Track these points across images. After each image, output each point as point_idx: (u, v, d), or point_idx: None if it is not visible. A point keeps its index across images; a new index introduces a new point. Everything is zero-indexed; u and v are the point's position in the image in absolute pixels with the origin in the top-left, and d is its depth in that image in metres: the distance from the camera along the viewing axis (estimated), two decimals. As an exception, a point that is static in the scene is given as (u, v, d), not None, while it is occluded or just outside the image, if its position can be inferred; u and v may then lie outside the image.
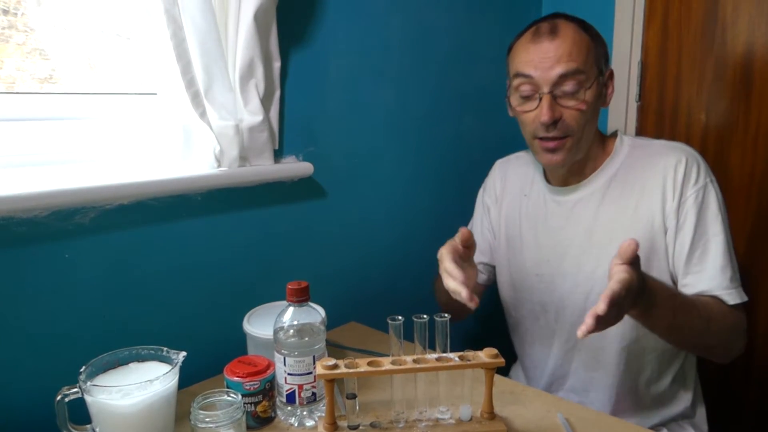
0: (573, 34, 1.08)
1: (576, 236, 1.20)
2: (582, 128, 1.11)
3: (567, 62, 1.07)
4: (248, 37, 1.11)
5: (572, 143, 1.12)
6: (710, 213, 1.09)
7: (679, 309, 0.99)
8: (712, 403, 1.34)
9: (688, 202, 1.10)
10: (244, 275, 1.24)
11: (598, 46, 1.12)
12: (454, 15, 1.65)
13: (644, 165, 1.15)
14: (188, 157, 1.13)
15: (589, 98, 1.09)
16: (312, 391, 0.94)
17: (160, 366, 0.89)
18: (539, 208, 1.28)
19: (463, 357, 0.89)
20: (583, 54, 1.08)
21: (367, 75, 1.45)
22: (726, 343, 1.10)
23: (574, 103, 1.09)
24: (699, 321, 1.02)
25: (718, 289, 1.07)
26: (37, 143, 1.02)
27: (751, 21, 1.57)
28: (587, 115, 1.10)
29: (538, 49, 1.09)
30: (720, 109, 1.66)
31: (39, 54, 1.07)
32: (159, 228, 1.10)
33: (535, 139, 1.14)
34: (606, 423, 0.95)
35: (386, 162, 1.53)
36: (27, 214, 0.92)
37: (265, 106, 1.18)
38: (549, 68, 1.07)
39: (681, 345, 1.13)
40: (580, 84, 1.08)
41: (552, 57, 1.07)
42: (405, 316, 0.91)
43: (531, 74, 1.09)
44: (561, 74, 1.07)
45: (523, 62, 1.11)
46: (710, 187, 1.10)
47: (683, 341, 1.09)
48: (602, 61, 1.13)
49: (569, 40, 1.08)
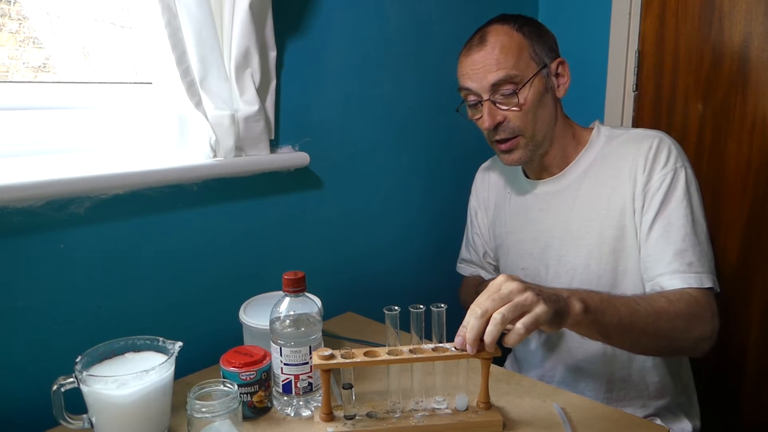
0: (502, 40, 1.12)
1: (555, 227, 1.22)
2: (531, 125, 1.14)
3: (497, 70, 1.11)
4: (244, 27, 1.10)
5: (525, 140, 1.16)
6: (675, 197, 1.09)
7: (622, 307, 0.95)
8: (706, 393, 1.35)
9: (654, 184, 1.11)
10: (241, 265, 1.24)
11: (535, 43, 1.14)
12: (451, 5, 1.65)
13: (619, 153, 1.17)
14: (184, 147, 1.12)
15: (523, 99, 1.12)
16: (308, 382, 0.94)
17: (156, 356, 0.89)
18: (521, 203, 1.31)
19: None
20: (512, 58, 1.11)
21: (363, 65, 1.44)
22: (686, 333, 1.02)
23: (512, 106, 1.13)
24: (647, 315, 0.97)
25: (673, 272, 1.05)
26: (32, 133, 1.01)
27: (748, 10, 1.57)
28: (531, 112, 1.13)
29: (469, 61, 1.14)
30: (717, 99, 1.66)
31: (33, 42, 1.06)
32: (154, 218, 1.10)
33: (492, 143, 1.19)
34: (601, 412, 0.95)
35: (382, 152, 1.53)
36: (22, 203, 0.92)
37: (260, 95, 1.17)
38: (482, 78, 1.12)
39: (642, 348, 1.06)
40: (515, 86, 1.11)
41: (482, 68, 1.12)
42: (401, 306, 0.91)
43: (469, 86, 1.15)
44: (492, 83, 1.11)
45: (461, 75, 1.17)
46: (680, 172, 1.10)
47: (643, 343, 1.02)
48: (544, 55, 1.15)
49: (498, 47, 1.12)
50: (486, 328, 0.79)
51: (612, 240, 1.15)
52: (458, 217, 1.53)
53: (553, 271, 1.22)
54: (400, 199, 1.60)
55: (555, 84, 1.18)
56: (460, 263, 1.50)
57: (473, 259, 1.46)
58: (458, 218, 1.53)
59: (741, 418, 1.72)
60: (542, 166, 1.24)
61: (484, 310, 0.79)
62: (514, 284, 0.81)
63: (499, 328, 0.78)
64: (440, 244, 1.70)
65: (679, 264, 1.06)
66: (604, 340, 0.98)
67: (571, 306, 0.86)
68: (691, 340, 1.03)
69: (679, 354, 1.11)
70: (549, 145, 1.20)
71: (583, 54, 1.33)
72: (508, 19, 1.16)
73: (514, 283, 0.81)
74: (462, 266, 1.49)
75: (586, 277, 1.17)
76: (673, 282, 1.05)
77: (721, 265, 1.65)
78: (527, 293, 0.80)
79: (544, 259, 1.24)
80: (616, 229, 1.14)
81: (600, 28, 1.82)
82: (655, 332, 0.99)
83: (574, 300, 0.87)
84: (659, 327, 0.98)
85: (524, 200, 1.30)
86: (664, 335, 1.00)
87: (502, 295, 0.80)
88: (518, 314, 0.79)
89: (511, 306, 0.78)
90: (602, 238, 1.15)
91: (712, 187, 1.67)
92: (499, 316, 0.78)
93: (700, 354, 1.06)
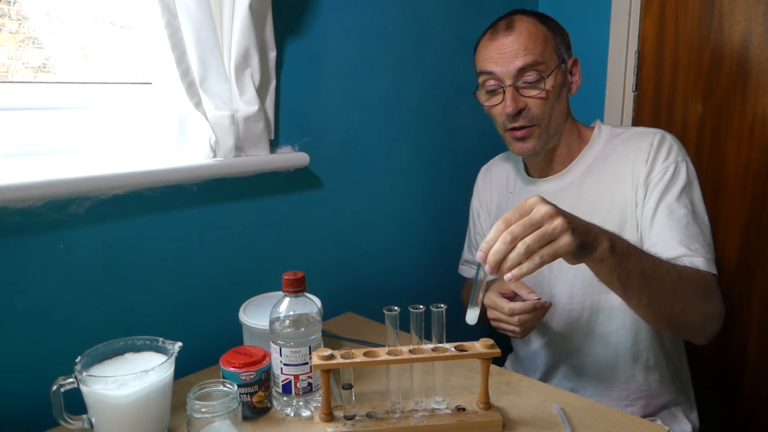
0: (529, 27, 1.13)
1: None
2: (548, 116, 1.15)
3: (525, 55, 1.12)
4: (243, 27, 1.10)
5: (540, 131, 1.17)
6: (677, 188, 1.10)
7: (646, 259, 0.94)
8: (705, 393, 1.35)
9: (656, 176, 1.12)
10: (240, 266, 1.24)
11: (556, 37, 1.16)
12: (451, 5, 1.64)
13: (620, 151, 1.18)
14: (183, 147, 1.12)
15: (549, 86, 1.13)
16: (308, 382, 0.94)
17: (156, 356, 0.89)
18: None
19: (459, 347, 0.90)
20: (539, 45, 1.13)
21: (363, 65, 1.44)
22: (698, 307, 1.01)
23: (536, 93, 1.14)
24: (668, 273, 0.96)
25: (680, 257, 1.04)
26: (32, 133, 1.01)
27: (748, 10, 1.57)
28: (551, 102, 1.15)
29: (496, 45, 1.15)
30: (716, 99, 1.66)
31: (32, 43, 1.06)
32: (154, 218, 1.10)
33: (506, 132, 1.19)
34: (600, 412, 0.95)
35: (382, 152, 1.53)
36: (21, 204, 0.92)
37: (260, 95, 1.17)
38: (508, 62, 1.13)
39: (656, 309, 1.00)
40: (540, 74, 1.13)
41: (510, 52, 1.13)
42: (401, 306, 0.91)
43: (493, 70, 1.15)
44: (520, 67, 1.12)
45: (484, 60, 1.17)
46: (682, 165, 1.12)
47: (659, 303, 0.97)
48: (563, 51, 1.17)
49: (525, 33, 1.13)
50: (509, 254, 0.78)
51: None
52: (458, 217, 1.53)
53: (556, 268, 1.22)
54: (400, 199, 1.60)
55: (569, 81, 1.20)
56: (462, 265, 1.50)
57: (475, 260, 1.45)
58: (458, 218, 1.53)
59: (740, 418, 1.72)
60: (547, 161, 1.25)
61: (513, 236, 0.77)
62: (547, 207, 0.79)
63: (522, 257, 0.77)
64: (440, 244, 1.70)
65: (685, 249, 1.05)
66: (622, 289, 0.94)
67: (599, 241, 0.85)
68: (702, 314, 1.02)
69: (688, 330, 1.08)
70: (558, 140, 1.22)
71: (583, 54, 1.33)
72: (529, 13, 1.17)
73: (547, 207, 0.80)
74: (464, 268, 1.49)
75: (589, 273, 1.17)
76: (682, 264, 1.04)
77: (720, 263, 1.64)
78: (558, 219, 0.78)
79: None
80: (619, 226, 1.14)
81: (600, 28, 1.82)
82: (673, 293, 0.97)
83: (603, 237, 0.86)
84: (678, 289, 0.97)
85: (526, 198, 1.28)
86: (680, 299, 0.98)
87: (533, 220, 0.78)
88: (544, 243, 0.78)
89: (538, 235, 0.77)
90: None
91: (712, 187, 1.67)
92: (524, 247, 0.77)
93: (705, 337, 1.05)
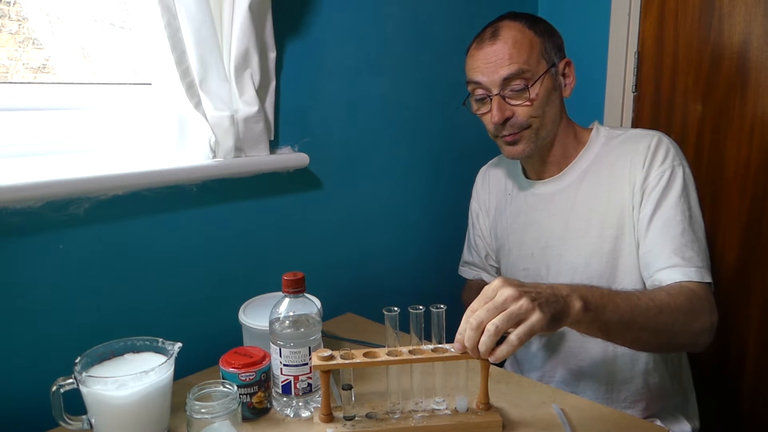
0: (514, 35, 1.12)
1: (556, 227, 1.23)
2: (539, 119, 1.15)
3: (509, 64, 1.11)
4: (243, 27, 1.10)
5: (530, 133, 1.16)
6: (673, 194, 1.10)
7: (622, 303, 0.93)
8: (705, 394, 1.35)
9: (652, 181, 1.11)
10: (240, 266, 1.24)
11: (545, 41, 1.15)
12: (451, 5, 1.65)
13: (617, 153, 1.18)
14: (183, 148, 1.12)
15: (535, 95, 1.13)
16: (308, 382, 0.94)
17: (156, 357, 0.89)
18: (521, 204, 1.31)
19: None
20: (524, 53, 1.12)
21: (362, 66, 1.44)
22: (686, 326, 1.00)
23: (522, 101, 1.13)
24: (648, 309, 0.95)
25: (673, 266, 1.05)
26: (31, 133, 1.01)
27: (748, 11, 1.57)
28: (540, 108, 1.14)
29: (481, 55, 1.14)
30: (716, 100, 1.66)
31: (32, 43, 1.06)
32: (154, 219, 1.10)
33: (497, 138, 1.19)
34: (600, 413, 0.95)
35: (382, 153, 1.53)
36: (21, 204, 0.92)
37: (260, 96, 1.17)
38: (493, 72, 1.12)
39: (643, 344, 1.03)
40: (526, 81, 1.12)
41: (494, 61, 1.12)
42: (401, 307, 0.91)
43: (479, 80, 1.14)
44: (505, 77, 1.11)
45: (472, 69, 1.17)
46: (678, 170, 1.11)
47: (644, 339, 0.99)
48: (553, 54, 1.16)
49: (510, 41, 1.12)
50: (481, 338, 0.77)
51: (612, 239, 1.15)
52: (457, 218, 1.53)
53: (554, 270, 1.23)
54: (400, 200, 1.60)
55: (562, 83, 1.19)
56: (462, 266, 1.50)
57: (475, 261, 1.46)
58: (457, 218, 1.53)
59: (740, 419, 1.72)
60: (543, 164, 1.25)
61: (479, 322, 0.77)
62: (509, 290, 0.78)
63: (493, 339, 0.76)
64: (440, 245, 1.70)
65: (679, 258, 1.05)
66: (604, 337, 0.95)
67: (570, 306, 0.84)
68: (691, 333, 1.01)
69: (680, 349, 1.10)
70: (551, 142, 1.21)
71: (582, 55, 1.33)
72: (518, 17, 1.16)
73: (509, 290, 0.78)
74: (464, 269, 1.49)
75: (587, 275, 1.17)
76: (673, 276, 1.05)
77: (719, 265, 1.66)
78: (522, 300, 0.77)
79: (545, 259, 1.24)
80: (616, 228, 1.14)
81: (599, 29, 1.82)
82: (656, 327, 0.97)
83: (573, 299, 0.85)
84: (660, 321, 0.96)
85: (525, 201, 1.30)
86: (665, 330, 0.98)
87: (496, 304, 0.78)
88: (513, 324, 0.77)
89: (505, 316, 0.76)
90: (602, 237, 1.16)
91: (712, 187, 1.67)
92: (493, 328, 0.76)
93: (699, 348, 1.05)
